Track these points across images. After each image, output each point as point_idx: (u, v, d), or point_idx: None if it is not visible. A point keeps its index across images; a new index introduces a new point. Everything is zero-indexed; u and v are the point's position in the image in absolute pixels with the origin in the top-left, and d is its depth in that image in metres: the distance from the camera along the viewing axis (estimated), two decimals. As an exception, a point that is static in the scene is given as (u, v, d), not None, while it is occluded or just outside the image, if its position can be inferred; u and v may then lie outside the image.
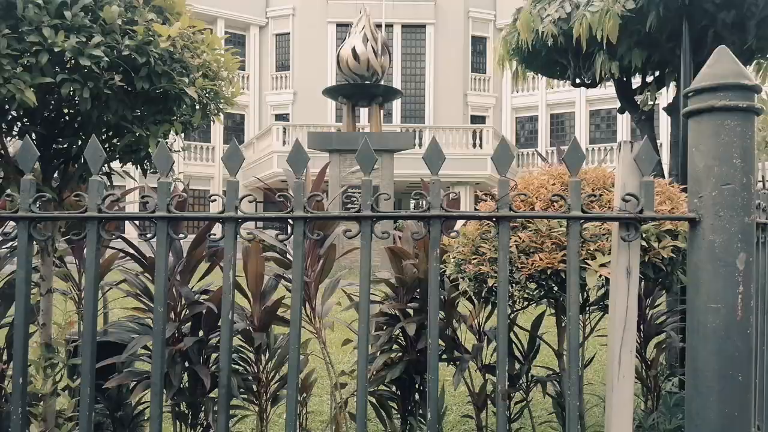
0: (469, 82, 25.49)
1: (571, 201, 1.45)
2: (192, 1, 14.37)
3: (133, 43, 1.98)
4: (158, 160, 1.46)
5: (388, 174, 14.50)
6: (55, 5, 1.84)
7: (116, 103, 2.11)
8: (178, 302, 3.08)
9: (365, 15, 14.78)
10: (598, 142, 23.95)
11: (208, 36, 2.69)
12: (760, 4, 4.40)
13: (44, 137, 2.31)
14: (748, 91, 1.41)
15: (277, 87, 25.81)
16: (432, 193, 1.49)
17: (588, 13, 4.53)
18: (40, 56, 1.81)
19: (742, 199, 1.40)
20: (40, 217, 1.48)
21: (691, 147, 1.46)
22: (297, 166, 1.51)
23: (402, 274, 3.41)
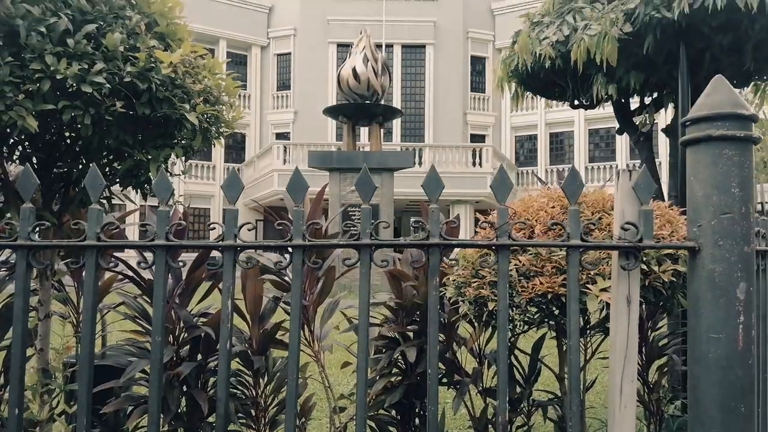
0: (469, 101, 25.66)
1: (570, 229, 1.44)
2: (195, 22, 14.69)
3: (135, 69, 1.99)
4: (158, 188, 1.47)
5: (388, 193, 14.53)
6: (58, 33, 1.86)
7: (117, 128, 2.12)
8: (177, 325, 3.06)
9: (365, 35, 14.93)
10: (597, 160, 24.02)
11: (210, 60, 2.72)
12: (756, 27, 4.44)
13: (45, 161, 2.32)
14: (745, 121, 1.42)
15: (278, 106, 25.97)
16: (431, 221, 1.49)
17: (586, 37, 4.58)
18: (43, 83, 1.83)
19: (741, 229, 1.40)
20: (39, 246, 1.48)
21: (690, 175, 1.47)
22: (296, 194, 1.51)
23: (401, 296, 3.39)
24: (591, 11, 4.80)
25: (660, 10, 4.34)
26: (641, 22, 4.45)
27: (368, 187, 1.49)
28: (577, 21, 4.80)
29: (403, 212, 23.85)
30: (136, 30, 2.09)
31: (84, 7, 1.96)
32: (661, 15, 4.34)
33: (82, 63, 1.89)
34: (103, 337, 3.72)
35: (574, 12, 4.88)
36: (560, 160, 24.95)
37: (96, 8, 2.00)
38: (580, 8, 4.88)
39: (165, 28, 2.27)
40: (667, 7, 4.34)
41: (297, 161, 20.19)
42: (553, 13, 5.07)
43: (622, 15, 4.50)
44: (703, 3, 4.18)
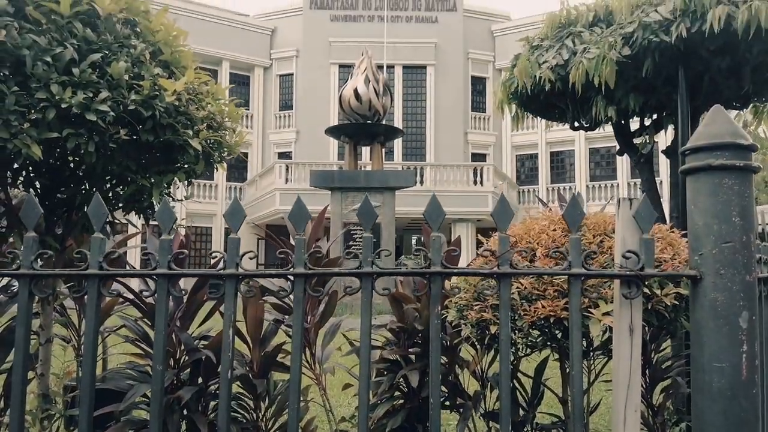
0: (470, 120, 25.82)
1: (571, 257, 1.45)
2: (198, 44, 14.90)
3: (139, 97, 2.01)
4: (161, 217, 1.48)
5: (389, 211, 14.54)
6: (64, 62, 1.89)
7: (121, 154, 2.14)
8: (178, 348, 3.05)
9: (367, 56, 15.08)
10: (598, 179, 24.06)
11: (213, 86, 2.75)
12: (754, 51, 4.48)
13: (48, 186, 2.33)
14: (744, 151, 1.43)
15: (280, 126, 26.14)
16: (432, 249, 1.49)
17: (585, 60, 4.62)
18: (48, 112, 1.85)
19: (742, 257, 1.40)
20: (42, 275, 1.48)
21: (690, 204, 1.47)
22: (298, 222, 1.52)
23: (403, 319, 3.38)
24: (590, 35, 4.85)
25: (658, 34, 4.39)
26: (639, 46, 4.50)
27: (369, 216, 1.49)
28: (576, 44, 4.85)
29: (404, 230, 23.84)
30: (140, 58, 2.12)
31: (90, 36, 1.99)
32: (659, 39, 4.38)
33: (87, 91, 1.91)
34: (103, 360, 3.70)
35: (573, 36, 4.93)
36: (561, 178, 24.99)
37: (101, 38, 2.03)
38: (579, 32, 4.93)
39: (169, 56, 2.30)
40: (665, 31, 4.38)
41: (299, 180, 20.26)
42: (552, 37, 5.13)
43: (620, 39, 4.54)
44: (700, 27, 4.22)
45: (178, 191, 3.05)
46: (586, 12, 5.10)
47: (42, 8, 1.93)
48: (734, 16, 4.17)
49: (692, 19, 4.29)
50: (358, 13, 24.77)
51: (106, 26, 2.08)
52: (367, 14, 24.73)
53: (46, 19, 1.93)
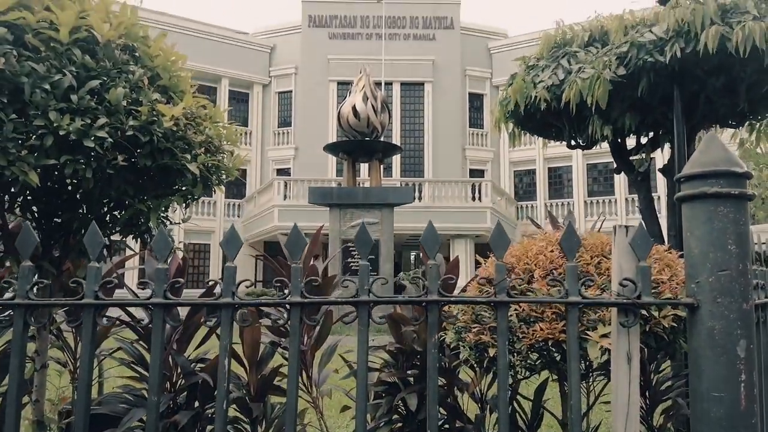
0: (467, 137, 25.93)
1: (568, 285, 1.44)
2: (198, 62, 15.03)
3: (138, 123, 2.02)
4: (157, 245, 1.47)
5: (388, 228, 14.54)
6: (62, 89, 1.90)
7: (118, 179, 2.14)
8: (174, 372, 3.03)
9: (365, 74, 15.19)
10: (596, 195, 24.11)
11: (211, 109, 2.76)
12: (748, 70, 4.53)
13: (45, 211, 2.33)
14: (739, 179, 1.43)
15: (279, 142, 26.24)
16: (429, 277, 1.49)
17: (579, 80, 4.66)
18: (46, 139, 1.86)
19: (739, 286, 1.40)
20: (37, 305, 1.48)
21: (686, 231, 1.47)
22: (295, 251, 1.52)
23: (401, 341, 3.36)
24: (585, 55, 4.90)
25: (653, 54, 4.44)
26: (634, 66, 4.54)
27: (366, 243, 1.49)
28: (571, 64, 4.90)
29: (403, 246, 23.81)
30: (139, 84, 2.14)
31: (89, 63, 2.01)
32: (654, 59, 4.42)
33: (86, 118, 1.92)
34: (99, 383, 3.67)
35: (569, 56, 4.98)
36: (559, 194, 25.04)
37: (100, 64, 2.05)
38: (574, 52, 4.98)
39: (168, 80, 2.32)
40: (660, 51, 4.43)
41: (297, 197, 20.27)
42: (548, 57, 5.18)
43: (615, 59, 4.59)
44: (694, 48, 4.27)
45: (176, 213, 3.05)
46: (581, 32, 5.15)
47: (41, 36, 1.95)
48: (728, 37, 4.21)
49: (686, 39, 4.34)
50: (356, 31, 25.00)
51: (105, 52, 2.10)
52: (365, 32, 24.97)
53: (45, 47, 1.94)
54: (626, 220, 22.39)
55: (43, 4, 2.04)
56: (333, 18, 25.12)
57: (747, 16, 4.17)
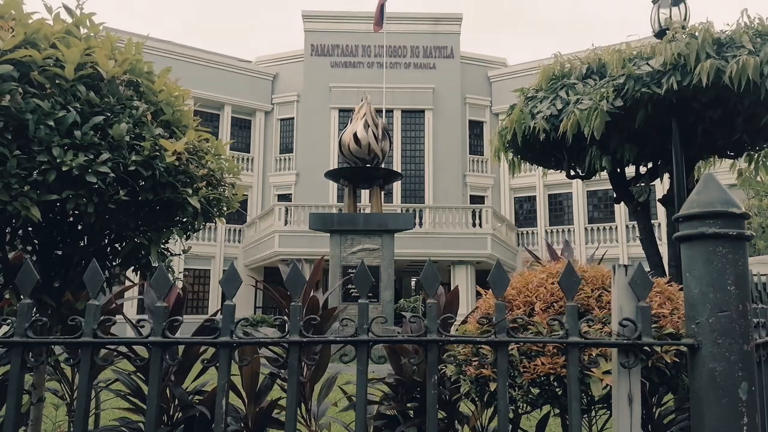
0: (468, 163, 26.08)
1: (568, 326, 1.44)
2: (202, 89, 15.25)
3: (140, 158, 2.04)
4: (157, 283, 1.47)
5: (388, 254, 14.50)
6: (66, 125, 1.92)
7: (119, 213, 2.15)
8: (171, 404, 3.00)
9: (366, 101, 15.34)
10: (596, 221, 24.11)
11: (213, 142, 2.79)
12: (745, 102, 4.57)
13: (46, 244, 2.33)
14: (737, 219, 1.44)
15: (280, 168, 26.38)
16: (428, 317, 1.48)
17: (577, 111, 4.71)
18: (48, 174, 1.87)
19: (739, 327, 1.39)
20: (35, 343, 1.47)
21: (685, 272, 1.47)
22: (295, 288, 1.52)
23: (401, 372, 3.33)
24: (583, 86, 4.96)
25: (650, 86, 4.49)
26: (631, 98, 4.59)
27: (365, 282, 1.49)
28: (569, 95, 4.96)
29: (403, 272, 23.73)
30: (142, 119, 2.16)
31: (93, 99, 2.04)
32: (651, 91, 4.48)
33: (89, 153, 1.94)
34: (96, 415, 3.62)
35: (567, 87, 5.04)
36: (560, 221, 25.05)
37: (104, 100, 2.08)
38: (572, 84, 5.04)
39: (171, 115, 2.34)
40: (657, 83, 4.49)
41: (298, 222, 20.28)
42: (547, 89, 5.24)
43: (612, 90, 4.64)
44: (691, 80, 4.32)
45: (177, 245, 3.06)
46: (579, 64, 5.23)
47: (47, 72, 1.98)
48: (723, 70, 4.27)
49: (683, 72, 4.40)
50: (357, 59, 25.37)
51: (109, 88, 2.13)
52: (367, 61, 25.32)
53: (51, 83, 1.97)
54: (627, 247, 22.34)
55: (49, 42, 2.08)
56: (335, 47, 25.51)
57: (742, 51, 4.23)
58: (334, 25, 25.60)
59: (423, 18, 25.88)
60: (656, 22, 5.60)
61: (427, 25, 25.63)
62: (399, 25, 24.92)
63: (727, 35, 4.48)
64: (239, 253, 24.27)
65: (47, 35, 2.07)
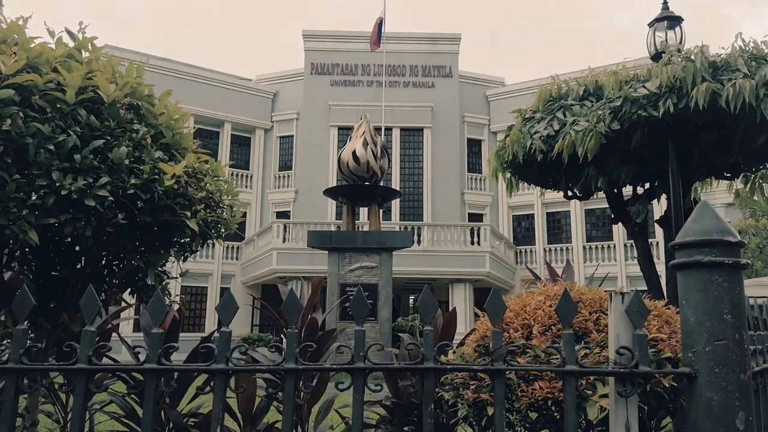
0: (466, 181, 26.15)
1: (565, 354, 1.44)
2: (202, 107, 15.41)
3: (139, 181, 2.05)
4: (152, 309, 1.47)
5: (386, 272, 14.46)
6: (66, 149, 1.93)
7: (117, 236, 2.16)
8: (166, 426, 2.97)
9: (365, 120, 15.41)
10: (594, 240, 24.12)
11: (213, 164, 2.80)
12: (741, 125, 4.61)
13: (43, 267, 2.33)
14: (733, 248, 1.44)
15: (279, 186, 26.43)
16: (425, 345, 1.48)
17: (572, 132, 4.74)
18: (47, 198, 1.88)
19: (736, 356, 1.39)
20: (30, 369, 1.46)
21: (682, 299, 1.48)
22: (291, 314, 1.52)
23: (398, 394, 3.31)
24: (580, 108, 5.00)
25: (646, 108, 4.53)
26: (628, 120, 4.63)
27: (362, 309, 1.49)
28: (566, 116, 4.99)
29: (402, 290, 23.64)
30: (142, 142, 2.17)
31: (93, 123, 2.05)
32: (647, 113, 4.51)
33: (88, 177, 1.94)
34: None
35: (564, 109, 5.08)
36: (558, 239, 25.06)
37: (104, 124, 2.09)
38: (569, 105, 5.09)
39: (171, 138, 2.36)
40: (653, 106, 4.52)
41: (296, 240, 20.25)
42: (544, 110, 5.28)
43: (609, 112, 4.68)
44: (687, 103, 4.36)
45: (174, 266, 3.05)
46: (576, 86, 5.27)
47: (48, 96, 2.00)
48: (719, 93, 4.31)
49: (679, 95, 4.44)
50: (357, 78, 25.57)
51: (109, 112, 2.14)
52: (366, 79, 25.53)
53: (52, 107, 1.99)
54: (625, 266, 22.32)
55: (51, 66, 2.10)
56: (335, 66, 25.73)
57: (737, 74, 4.28)
58: (333, 45, 25.86)
59: (421, 38, 26.17)
60: (652, 45, 5.68)
61: (426, 44, 25.90)
62: (398, 45, 25.17)
63: (723, 58, 4.53)
64: (237, 271, 24.19)
65: (49, 59, 2.09)
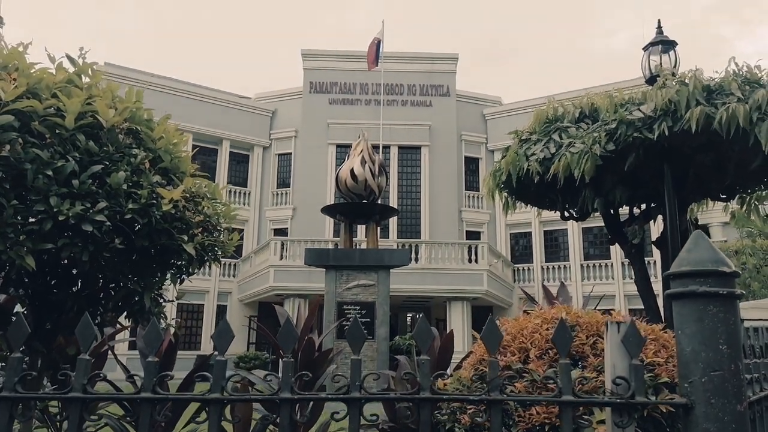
0: (464, 199, 26.21)
1: (562, 384, 1.43)
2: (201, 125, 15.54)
3: (137, 206, 2.05)
4: (148, 338, 1.47)
5: (384, 290, 14.38)
6: (64, 175, 1.94)
7: (114, 261, 2.15)
8: (161, 451, 2.94)
9: (363, 138, 15.47)
10: (592, 258, 24.12)
11: (211, 186, 2.81)
12: (736, 148, 4.65)
13: (39, 290, 2.32)
14: (727, 278, 1.45)
15: (277, 203, 26.45)
16: (421, 374, 1.48)
17: (568, 153, 4.78)
18: (45, 223, 1.88)
19: (732, 387, 1.39)
20: (24, 398, 1.45)
21: (677, 329, 1.48)
22: (286, 343, 1.51)
23: (395, 419, 3.29)
24: (576, 130, 5.04)
25: (641, 131, 4.57)
26: (623, 142, 4.67)
27: (359, 338, 1.49)
28: (562, 139, 5.04)
29: (399, 308, 23.54)
30: (140, 167, 2.18)
31: (92, 148, 2.06)
32: (642, 136, 4.55)
33: (86, 202, 1.95)
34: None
35: (560, 131, 5.13)
36: (555, 257, 25.04)
37: (103, 149, 2.10)
38: (565, 127, 5.13)
39: (169, 163, 2.37)
40: (648, 128, 4.57)
41: (294, 257, 20.19)
42: (540, 132, 5.33)
43: (604, 135, 4.72)
44: (682, 126, 4.40)
45: (170, 287, 3.05)
46: (572, 108, 5.33)
47: (47, 122, 2.01)
48: (713, 116, 4.35)
49: (674, 118, 4.49)
50: (355, 96, 25.74)
51: (108, 137, 2.16)
52: (364, 98, 25.70)
53: (51, 133, 2.00)
54: (623, 284, 22.28)
55: (51, 91, 2.12)
56: (333, 84, 25.92)
57: (731, 98, 4.33)
58: (332, 64, 26.08)
59: (419, 57, 26.43)
60: (647, 69, 5.74)
61: (424, 64, 26.14)
62: (396, 64, 25.40)
63: (716, 82, 4.59)
64: (234, 288, 24.08)
65: (49, 85, 2.11)
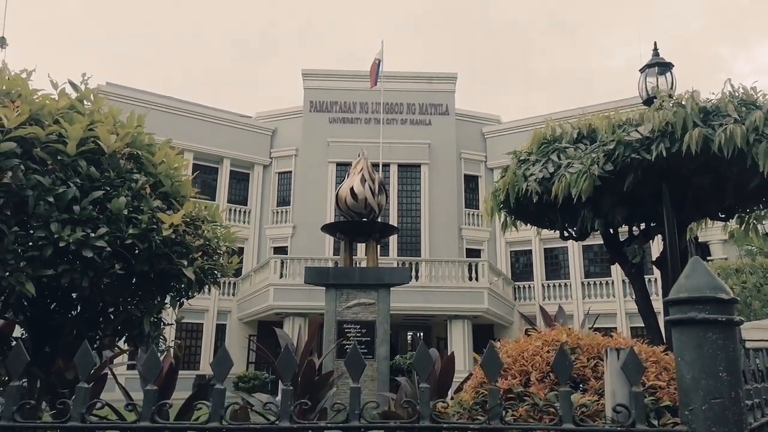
0: (463, 217, 26.22)
1: (562, 412, 1.43)
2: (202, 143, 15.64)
3: (137, 231, 2.06)
4: (146, 366, 1.47)
5: (384, 308, 14.31)
6: (65, 201, 1.95)
7: (114, 286, 2.16)
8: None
9: (363, 157, 15.52)
10: (592, 276, 24.05)
11: (211, 209, 2.82)
12: (734, 169, 4.67)
13: (38, 315, 2.32)
14: (726, 305, 1.45)
15: (277, 221, 26.46)
16: (421, 402, 1.47)
17: (567, 174, 4.80)
18: (45, 250, 1.88)
19: (733, 414, 1.39)
20: (23, 427, 1.45)
21: (677, 356, 1.48)
22: (286, 371, 1.51)
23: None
24: (574, 151, 5.07)
25: (639, 152, 4.60)
26: (621, 163, 4.69)
27: (358, 366, 1.49)
28: (561, 159, 5.06)
29: (399, 326, 23.41)
30: (141, 192, 2.19)
31: (93, 174, 2.08)
32: (640, 157, 4.58)
33: (86, 228, 1.96)
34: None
35: (559, 151, 5.16)
36: (556, 275, 24.98)
37: (104, 174, 2.11)
38: (564, 148, 5.16)
39: (170, 187, 2.38)
40: (647, 149, 4.60)
41: (294, 276, 20.12)
42: (538, 152, 5.36)
43: (603, 155, 4.75)
44: (680, 147, 4.43)
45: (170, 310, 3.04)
46: (570, 129, 5.36)
47: (49, 148, 2.03)
48: (711, 138, 4.38)
49: (671, 139, 4.52)
50: (355, 115, 25.91)
51: (110, 162, 2.17)
52: (364, 117, 25.86)
53: (53, 159, 2.01)
54: (624, 302, 22.19)
55: (53, 118, 2.14)
56: (333, 103, 26.12)
57: (728, 119, 4.36)
58: (332, 83, 26.31)
59: (419, 77, 26.67)
60: (644, 90, 5.80)
61: (423, 83, 26.36)
62: (395, 84, 25.61)
63: (713, 104, 4.63)
64: (233, 307, 23.99)
65: (51, 111, 2.13)
